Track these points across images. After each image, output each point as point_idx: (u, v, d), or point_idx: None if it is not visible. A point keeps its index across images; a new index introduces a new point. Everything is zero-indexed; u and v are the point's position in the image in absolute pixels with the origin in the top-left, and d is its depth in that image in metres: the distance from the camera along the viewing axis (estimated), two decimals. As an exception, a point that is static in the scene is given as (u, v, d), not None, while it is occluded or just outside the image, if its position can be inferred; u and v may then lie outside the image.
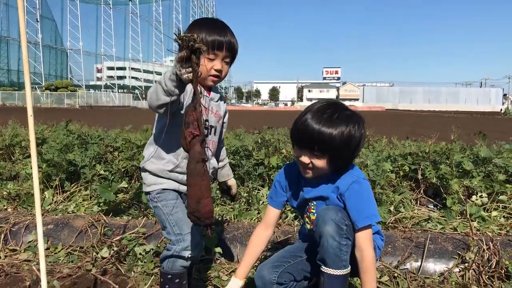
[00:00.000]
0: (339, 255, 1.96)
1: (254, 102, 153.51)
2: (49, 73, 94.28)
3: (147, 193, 2.23)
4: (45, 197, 4.29)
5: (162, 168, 2.17)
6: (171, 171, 2.18)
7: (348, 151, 2.00)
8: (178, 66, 1.68)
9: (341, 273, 1.99)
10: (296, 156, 2.08)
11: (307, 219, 2.22)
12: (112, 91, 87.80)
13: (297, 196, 2.23)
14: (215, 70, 2.16)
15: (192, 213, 1.73)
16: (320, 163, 2.00)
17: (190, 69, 1.68)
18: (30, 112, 1.48)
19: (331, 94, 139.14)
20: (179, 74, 1.70)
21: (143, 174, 2.26)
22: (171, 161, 2.17)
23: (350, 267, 2.02)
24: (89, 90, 79.50)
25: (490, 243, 3.00)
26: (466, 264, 2.89)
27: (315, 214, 2.13)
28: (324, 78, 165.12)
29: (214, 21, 2.20)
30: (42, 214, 3.81)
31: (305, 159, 2.01)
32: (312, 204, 2.16)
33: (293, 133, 2.06)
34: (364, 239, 2.01)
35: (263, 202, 4.17)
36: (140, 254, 3.06)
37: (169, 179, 2.20)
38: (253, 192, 4.36)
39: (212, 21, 2.21)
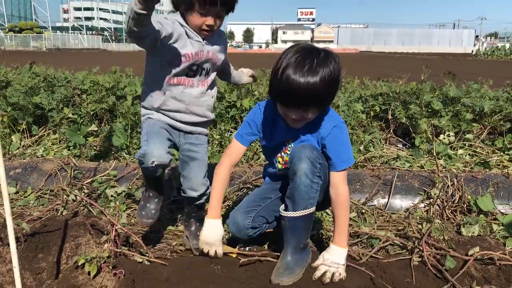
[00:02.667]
0: (309, 192, 1.99)
1: (228, 44, 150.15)
2: (12, 13, 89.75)
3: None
4: (12, 141, 4.19)
5: (151, 104, 2.23)
6: (158, 108, 2.22)
7: (333, 93, 1.95)
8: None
9: (301, 214, 2.02)
10: (282, 112, 1.98)
11: (279, 159, 2.22)
12: (80, 33, 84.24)
13: (271, 136, 2.21)
14: (206, 25, 2.05)
15: None
16: (311, 114, 1.95)
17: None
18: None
19: (305, 36, 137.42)
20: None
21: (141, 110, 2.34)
22: (158, 99, 2.20)
23: (314, 208, 2.06)
24: (56, 32, 76.18)
25: (455, 179, 3.11)
26: (431, 200, 3.00)
27: (289, 155, 2.12)
28: (299, 20, 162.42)
29: None
30: (9, 158, 3.75)
31: (295, 115, 1.94)
32: (289, 145, 2.16)
33: (276, 91, 1.92)
34: (340, 179, 2.07)
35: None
36: (111, 196, 3.06)
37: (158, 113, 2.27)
38: (225, 135, 4.35)
39: None
